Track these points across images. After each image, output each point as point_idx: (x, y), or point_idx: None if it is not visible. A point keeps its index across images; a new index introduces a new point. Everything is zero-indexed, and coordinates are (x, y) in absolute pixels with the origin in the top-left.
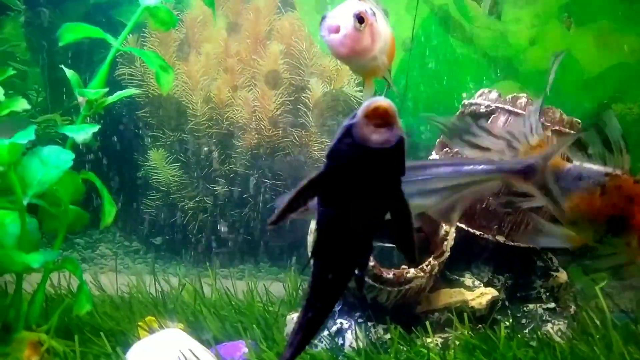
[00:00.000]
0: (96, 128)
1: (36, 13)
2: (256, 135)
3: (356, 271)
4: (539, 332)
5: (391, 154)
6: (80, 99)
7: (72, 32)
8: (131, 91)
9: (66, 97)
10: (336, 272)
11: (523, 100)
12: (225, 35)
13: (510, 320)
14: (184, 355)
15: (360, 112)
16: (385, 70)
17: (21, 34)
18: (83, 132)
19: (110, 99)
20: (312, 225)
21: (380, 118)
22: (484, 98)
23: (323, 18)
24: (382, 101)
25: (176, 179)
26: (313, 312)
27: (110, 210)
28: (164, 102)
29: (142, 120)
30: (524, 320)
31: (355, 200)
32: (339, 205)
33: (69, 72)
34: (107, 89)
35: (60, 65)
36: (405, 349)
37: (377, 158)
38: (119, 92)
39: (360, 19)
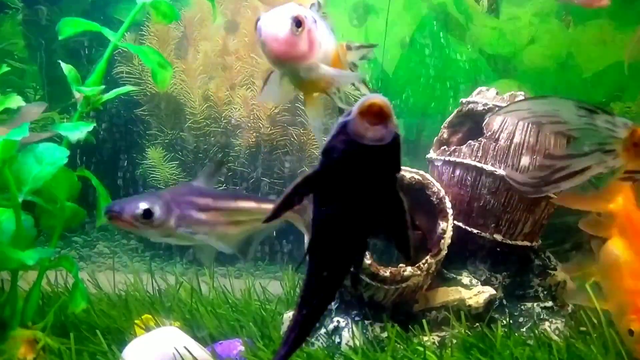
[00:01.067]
0: (91, 126)
1: (34, 11)
2: (254, 134)
3: (351, 269)
4: (536, 331)
5: (386, 150)
6: (77, 95)
7: (71, 27)
8: (128, 88)
9: (64, 95)
10: (331, 270)
11: (520, 98)
12: (223, 33)
13: (508, 319)
14: (179, 352)
15: (355, 109)
16: (331, 86)
17: (19, 32)
18: (77, 131)
19: (107, 95)
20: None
21: (375, 115)
22: (482, 96)
23: (257, 19)
24: (377, 98)
25: (174, 177)
26: (308, 310)
27: None
28: (162, 100)
29: (141, 118)
30: (521, 319)
31: (350, 198)
32: (334, 202)
33: (66, 68)
34: (105, 87)
35: (58, 61)
36: (402, 347)
37: (372, 155)
38: (115, 89)
39: (297, 22)
